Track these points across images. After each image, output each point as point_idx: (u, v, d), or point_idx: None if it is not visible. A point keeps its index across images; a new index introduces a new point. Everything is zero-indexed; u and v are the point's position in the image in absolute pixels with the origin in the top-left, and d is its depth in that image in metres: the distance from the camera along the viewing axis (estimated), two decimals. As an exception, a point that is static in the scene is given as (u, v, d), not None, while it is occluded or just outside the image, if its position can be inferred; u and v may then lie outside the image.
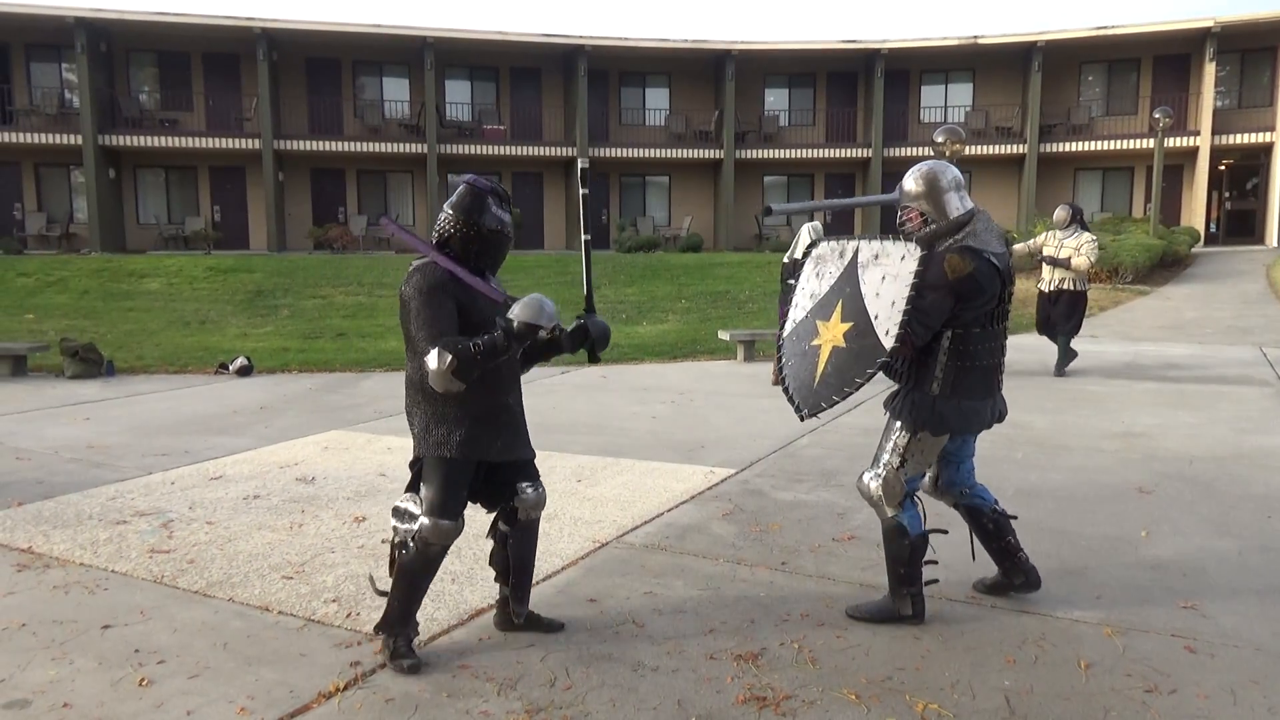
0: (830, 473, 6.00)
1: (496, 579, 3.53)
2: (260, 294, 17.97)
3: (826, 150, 28.49)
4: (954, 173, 3.64)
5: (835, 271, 3.61)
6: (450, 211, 3.24)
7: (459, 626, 3.59)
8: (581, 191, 3.52)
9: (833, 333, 3.52)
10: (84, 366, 10.60)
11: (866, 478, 3.66)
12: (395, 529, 3.29)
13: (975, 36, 27.00)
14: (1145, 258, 18.82)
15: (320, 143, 26.29)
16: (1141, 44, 26.91)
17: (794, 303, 3.76)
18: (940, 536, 4.71)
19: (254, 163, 26.26)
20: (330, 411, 8.47)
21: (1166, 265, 20.31)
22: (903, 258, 3.42)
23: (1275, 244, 25.22)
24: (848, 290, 3.53)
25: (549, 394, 9.09)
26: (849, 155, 28.49)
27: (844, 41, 28.16)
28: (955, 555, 4.38)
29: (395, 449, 6.81)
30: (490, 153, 27.13)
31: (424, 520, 3.19)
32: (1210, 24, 25.24)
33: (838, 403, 3.46)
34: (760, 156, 28.43)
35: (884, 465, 3.61)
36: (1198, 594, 3.88)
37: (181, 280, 18.99)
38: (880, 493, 3.60)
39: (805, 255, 3.79)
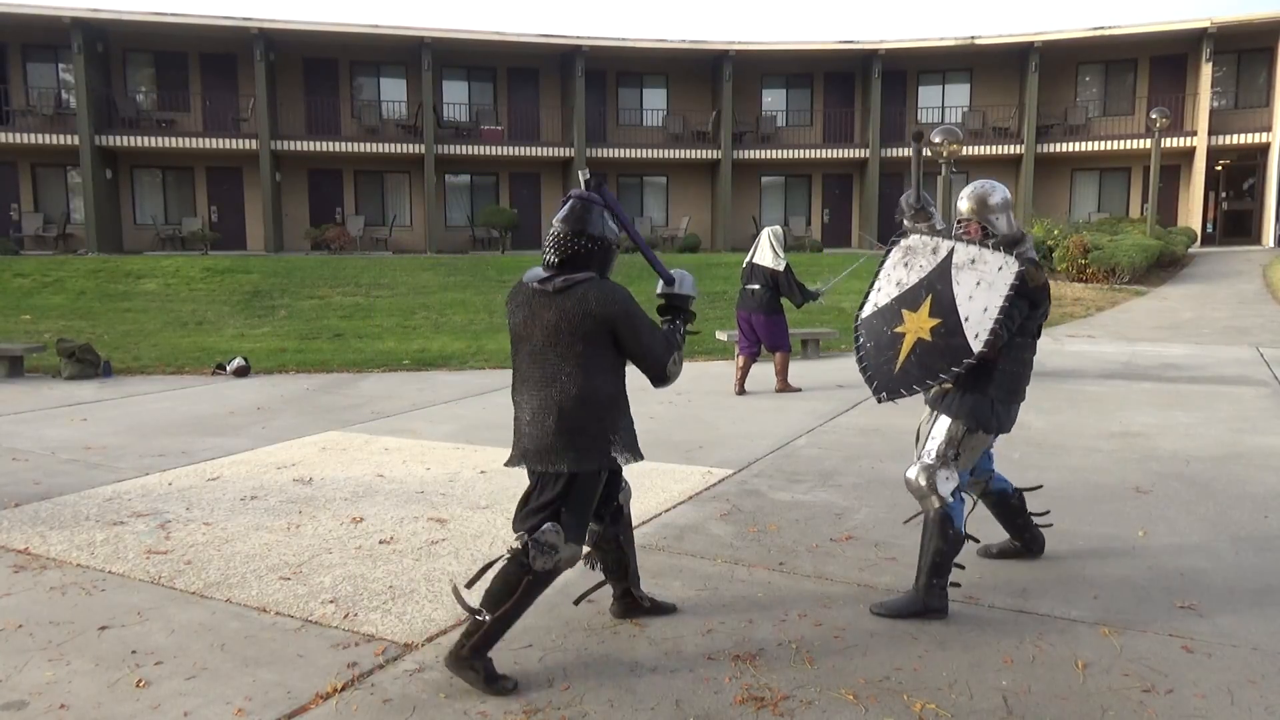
0: (828, 473, 6.00)
1: (606, 579, 3.61)
2: (257, 294, 17.95)
3: (824, 151, 28.51)
4: (1003, 194, 3.88)
5: (926, 266, 3.76)
6: (570, 227, 3.18)
7: (456, 627, 3.58)
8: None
9: (918, 324, 3.69)
10: (81, 367, 10.58)
11: (914, 472, 3.78)
12: (534, 559, 3.08)
13: (972, 37, 27.03)
14: (1142, 258, 18.85)
15: (317, 143, 26.26)
16: (1138, 44, 26.95)
17: (875, 286, 3.92)
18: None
19: (251, 163, 26.24)
20: (327, 412, 8.46)
21: (1163, 265, 20.35)
22: (1000, 268, 3.60)
23: (1272, 244, 25.27)
24: (939, 288, 3.69)
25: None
26: (846, 156, 28.50)
27: (841, 42, 28.17)
28: (953, 555, 4.39)
29: (392, 449, 6.80)
30: (488, 153, 27.12)
31: (568, 548, 3.12)
32: (1207, 24, 25.28)
33: (918, 393, 3.69)
34: (757, 157, 28.44)
35: (936, 457, 3.75)
36: (1195, 593, 3.88)
37: (178, 281, 18.97)
38: (932, 483, 3.72)
39: (891, 243, 3.94)
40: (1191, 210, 26.49)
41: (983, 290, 3.58)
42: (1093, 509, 5.12)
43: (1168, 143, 25.11)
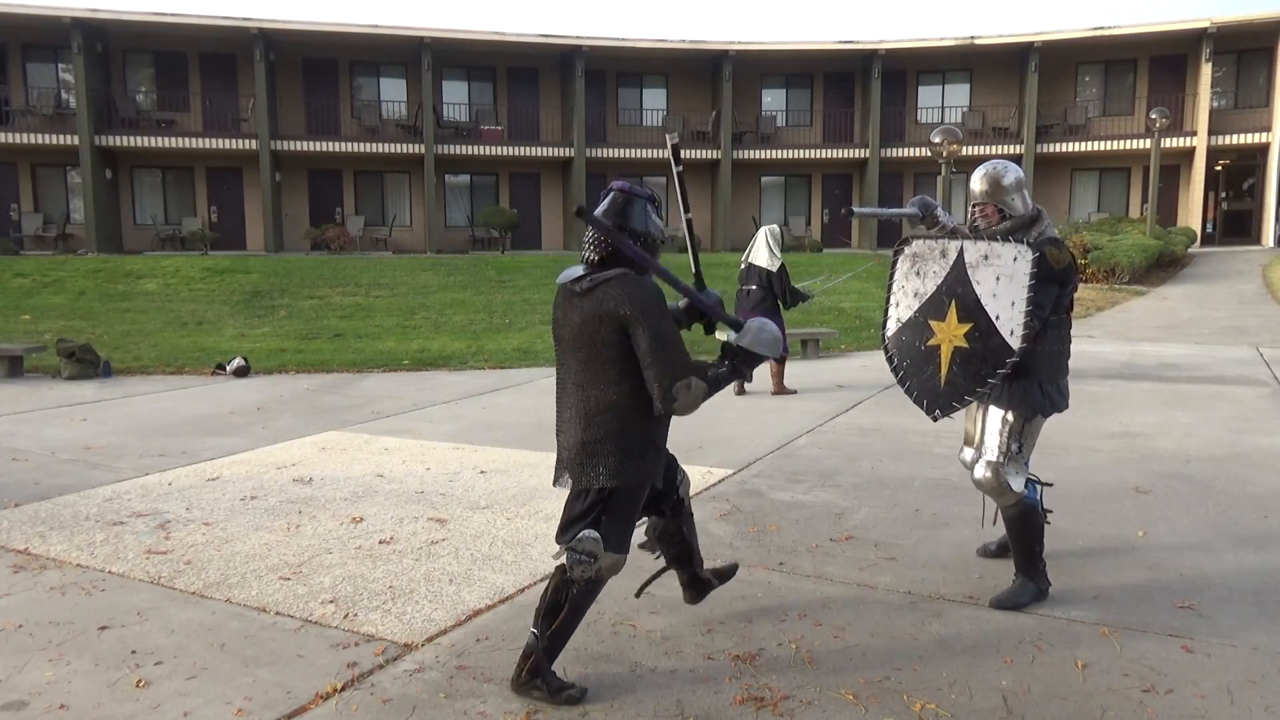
0: (828, 473, 6.00)
1: (671, 567, 3.56)
2: (257, 294, 17.95)
3: (823, 151, 28.51)
4: (1016, 173, 3.80)
5: (940, 271, 3.70)
6: (612, 222, 2.97)
7: (456, 627, 3.59)
8: (676, 169, 3.19)
9: (950, 332, 3.63)
10: (81, 367, 10.59)
11: (982, 472, 3.75)
12: (572, 567, 3.00)
13: (972, 37, 27.03)
14: (1142, 258, 18.86)
15: (317, 143, 26.25)
16: (1138, 44, 26.96)
17: (893, 300, 3.84)
18: (933, 537, 4.73)
19: (251, 163, 26.23)
20: (327, 412, 8.46)
21: (1163, 265, 20.36)
22: (1015, 259, 3.53)
23: (1271, 244, 25.27)
24: (959, 290, 3.62)
25: (546, 394, 9.08)
26: (846, 156, 28.51)
27: (841, 42, 28.17)
28: (953, 555, 4.39)
29: (392, 450, 6.80)
30: (488, 153, 27.12)
31: (607, 556, 2.99)
32: (1206, 24, 25.29)
33: (970, 403, 3.62)
34: (757, 157, 28.44)
35: (999, 453, 3.72)
36: (1195, 593, 3.88)
37: (178, 281, 18.96)
38: (1004, 481, 3.70)
39: (896, 252, 3.87)
40: (1191, 210, 26.49)
41: (1005, 285, 3.52)
42: (1092, 509, 5.12)
43: (1167, 143, 25.11)
